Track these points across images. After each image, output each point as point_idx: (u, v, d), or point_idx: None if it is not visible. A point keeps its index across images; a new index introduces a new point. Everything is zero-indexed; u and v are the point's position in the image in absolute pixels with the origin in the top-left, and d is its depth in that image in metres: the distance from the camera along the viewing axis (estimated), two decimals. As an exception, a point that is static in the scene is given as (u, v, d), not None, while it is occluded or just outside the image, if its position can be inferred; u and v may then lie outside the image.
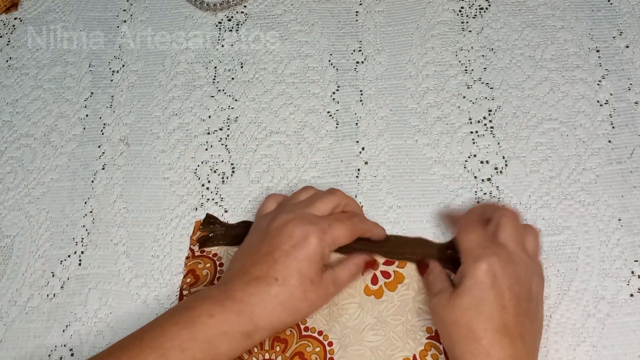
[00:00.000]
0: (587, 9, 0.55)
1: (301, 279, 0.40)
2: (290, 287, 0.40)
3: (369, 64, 0.55)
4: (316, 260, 0.41)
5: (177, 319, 0.39)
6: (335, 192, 0.45)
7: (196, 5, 0.60)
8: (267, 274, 0.40)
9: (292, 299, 0.40)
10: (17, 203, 0.53)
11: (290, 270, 0.40)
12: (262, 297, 0.39)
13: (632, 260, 0.45)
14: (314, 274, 0.41)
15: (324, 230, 0.41)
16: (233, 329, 0.39)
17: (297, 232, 0.41)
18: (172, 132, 0.54)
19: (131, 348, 0.38)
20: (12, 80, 0.59)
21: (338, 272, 0.43)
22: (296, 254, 0.40)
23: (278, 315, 0.40)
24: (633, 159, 0.48)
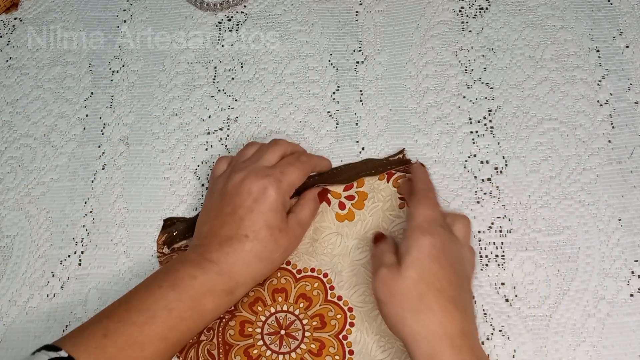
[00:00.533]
0: (587, 9, 0.55)
1: (270, 230, 0.42)
2: (261, 239, 0.42)
3: (369, 64, 0.55)
4: (279, 209, 0.43)
5: (160, 282, 0.41)
6: (278, 141, 0.47)
7: (196, 5, 0.60)
8: (237, 233, 0.42)
9: (267, 250, 0.42)
10: (17, 203, 0.53)
11: (258, 225, 0.42)
12: (238, 255, 0.42)
13: (632, 260, 0.45)
14: (280, 222, 0.43)
15: (279, 179, 0.43)
16: (216, 288, 0.41)
17: (255, 188, 0.42)
18: (172, 132, 0.54)
19: (119, 312, 0.40)
20: (12, 80, 0.59)
21: (299, 213, 0.45)
22: (259, 208, 0.42)
23: (256, 269, 0.43)
24: (633, 159, 0.48)
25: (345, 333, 0.44)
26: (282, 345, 0.44)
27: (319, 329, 0.44)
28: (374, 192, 0.48)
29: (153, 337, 0.39)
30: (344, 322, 0.44)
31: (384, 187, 0.48)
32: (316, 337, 0.44)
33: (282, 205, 0.43)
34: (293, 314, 0.45)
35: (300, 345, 0.44)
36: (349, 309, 0.45)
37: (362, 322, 0.44)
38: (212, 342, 0.44)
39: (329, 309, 0.45)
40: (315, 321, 0.45)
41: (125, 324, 0.39)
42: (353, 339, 0.44)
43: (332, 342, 0.44)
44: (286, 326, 0.44)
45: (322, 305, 0.45)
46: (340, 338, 0.44)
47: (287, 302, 0.45)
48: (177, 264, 0.42)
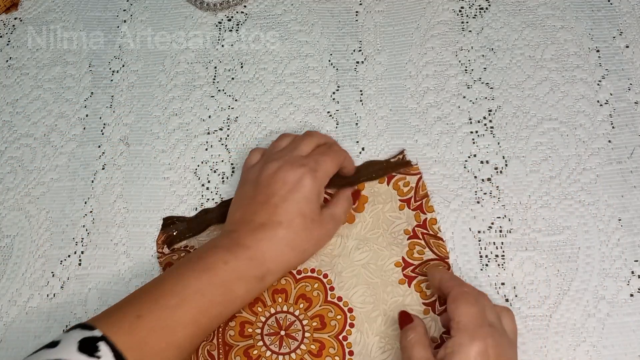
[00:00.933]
0: (587, 9, 0.55)
1: (304, 219, 0.42)
2: (295, 227, 0.42)
3: (369, 64, 0.55)
4: (313, 200, 0.43)
5: (193, 266, 0.41)
6: (312, 133, 0.48)
7: (196, 5, 0.60)
8: (270, 220, 0.42)
9: (299, 239, 0.42)
10: (17, 203, 0.53)
11: (291, 214, 0.42)
12: (270, 242, 0.42)
13: (632, 260, 0.45)
14: (314, 212, 0.43)
15: (314, 168, 0.43)
16: (247, 274, 0.41)
17: (290, 177, 0.43)
18: (172, 132, 0.54)
19: (153, 292, 0.40)
20: (12, 80, 0.59)
21: (333, 208, 0.45)
22: (294, 197, 0.42)
23: (287, 257, 0.43)
24: (633, 159, 0.48)
25: (345, 334, 0.44)
26: (282, 346, 0.44)
27: (319, 329, 0.44)
28: (374, 196, 0.48)
29: (185, 321, 0.39)
30: (344, 322, 0.44)
31: (385, 190, 0.48)
32: (316, 338, 0.44)
33: (317, 195, 0.43)
34: (293, 315, 0.45)
35: (300, 346, 0.44)
36: (349, 310, 0.45)
37: (362, 323, 0.44)
38: (212, 343, 0.44)
39: (329, 310, 0.45)
40: (315, 322, 0.44)
41: (158, 306, 0.39)
42: (353, 339, 0.44)
43: (332, 342, 0.44)
44: (286, 327, 0.44)
45: (322, 305, 0.45)
46: (340, 339, 0.44)
47: (287, 302, 0.45)
48: (210, 249, 0.42)
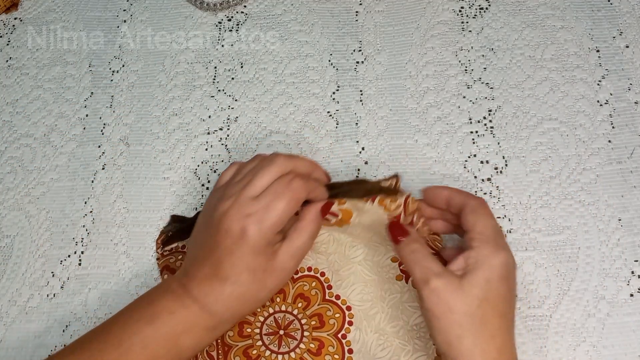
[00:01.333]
0: (587, 9, 0.55)
1: (252, 273, 0.39)
2: (242, 283, 0.39)
3: (369, 64, 0.55)
4: (261, 251, 0.39)
5: (139, 314, 0.39)
6: (275, 159, 0.41)
7: (196, 5, 0.60)
8: (217, 273, 0.39)
9: (249, 292, 0.40)
10: (17, 203, 0.53)
11: (238, 269, 0.39)
12: (217, 296, 0.39)
13: (632, 260, 0.45)
14: (264, 262, 0.39)
15: (261, 218, 0.38)
16: (195, 325, 0.39)
17: (234, 227, 0.39)
18: (172, 132, 0.54)
19: (94, 344, 0.39)
20: (12, 80, 0.59)
21: (295, 240, 0.41)
22: (239, 251, 0.38)
23: (239, 310, 0.40)
24: (633, 159, 0.48)
25: (344, 332, 0.44)
26: (282, 345, 0.44)
27: (317, 328, 0.44)
28: (359, 211, 0.43)
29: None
30: (342, 321, 0.44)
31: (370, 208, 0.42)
32: (315, 337, 0.44)
33: (265, 245, 0.39)
34: (291, 314, 0.45)
35: (299, 345, 0.44)
36: (347, 308, 0.45)
37: (360, 321, 0.44)
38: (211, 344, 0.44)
39: (327, 308, 0.45)
40: (314, 320, 0.45)
41: (98, 358, 0.37)
42: (352, 337, 0.44)
43: (331, 341, 0.44)
44: (285, 326, 0.44)
45: (320, 304, 0.45)
46: (339, 337, 0.44)
47: (285, 302, 0.45)
48: (158, 293, 0.40)
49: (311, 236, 0.42)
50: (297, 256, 0.41)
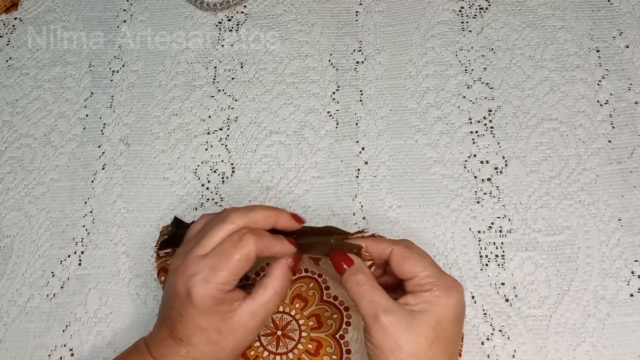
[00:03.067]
0: (587, 9, 0.55)
1: (205, 335, 0.37)
2: (195, 345, 0.37)
3: (369, 64, 0.55)
4: (211, 311, 0.37)
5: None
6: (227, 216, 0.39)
7: (196, 5, 0.60)
8: (172, 334, 0.38)
9: (206, 355, 0.37)
10: (17, 203, 0.53)
11: (189, 330, 0.37)
12: (174, 358, 0.38)
13: (632, 260, 0.45)
14: (217, 323, 0.37)
15: (205, 278, 0.36)
16: None
17: (180, 288, 0.37)
18: (172, 132, 0.54)
19: None
20: (12, 80, 0.59)
21: (256, 298, 0.38)
22: (188, 312, 0.37)
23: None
24: (633, 159, 0.48)
25: (342, 332, 0.44)
26: (279, 346, 0.44)
27: (315, 329, 0.44)
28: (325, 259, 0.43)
29: None
30: (340, 321, 0.44)
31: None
32: (313, 337, 0.44)
33: (214, 305, 0.37)
34: (289, 315, 0.45)
35: (297, 346, 0.44)
36: (345, 309, 0.45)
37: (359, 321, 0.44)
38: None
39: (325, 309, 0.45)
40: (312, 321, 0.44)
41: None
42: (350, 338, 0.44)
43: (329, 341, 0.44)
44: (282, 327, 0.44)
45: (318, 305, 0.45)
46: (337, 337, 0.44)
47: (283, 303, 0.45)
48: (128, 351, 0.40)
49: (277, 293, 0.39)
50: (260, 315, 0.38)
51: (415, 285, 0.36)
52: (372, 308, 0.35)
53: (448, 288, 0.36)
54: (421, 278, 0.36)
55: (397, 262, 0.37)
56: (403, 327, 0.34)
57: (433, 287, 0.36)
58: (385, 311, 0.35)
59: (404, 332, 0.34)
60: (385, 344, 0.34)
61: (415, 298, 0.36)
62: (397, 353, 0.34)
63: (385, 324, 0.34)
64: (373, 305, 0.35)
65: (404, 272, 0.37)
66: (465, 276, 0.46)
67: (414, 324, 0.34)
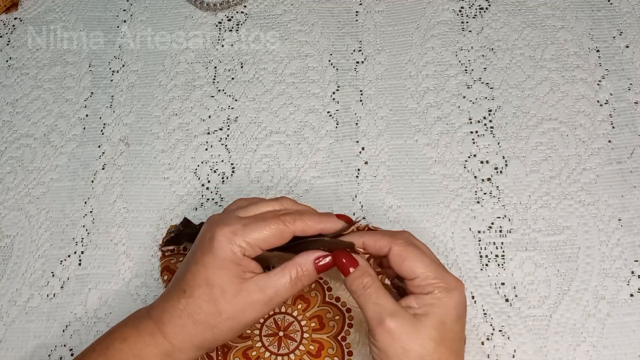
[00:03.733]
0: (587, 9, 0.55)
1: (209, 289, 0.36)
2: (196, 298, 0.36)
3: (369, 64, 0.55)
4: (225, 266, 0.36)
5: (95, 345, 0.38)
6: (279, 198, 0.40)
7: (196, 5, 0.60)
8: (179, 286, 0.37)
9: (202, 312, 0.36)
10: (17, 203, 0.53)
11: (197, 280, 0.36)
12: (171, 313, 0.37)
13: (632, 260, 0.45)
14: (226, 282, 0.36)
15: (234, 231, 0.36)
16: (147, 351, 0.36)
17: (207, 234, 0.37)
18: (172, 132, 0.54)
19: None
20: (12, 80, 0.59)
21: (271, 277, 0.37)
22: (203, 261, 0.36)
23: (192, 332, 0.36)
24: (633, 159, 0.48)
25: (344, 334, 0.44)
26: (281, 347, 0.44)
27: (317, 330, 0.44)
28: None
29: None
30: (342, 323, 0.44)
31: None
32: (315, 339, 0.44)
33: (231, 262, 0.36)
34: (291, 316, 0.45)
35: (299, 347, 0.44)
36: (347, 310, 0.45)
37: (360, 323, 0.44)
38: None
39: (327, 311, 0.45)
40: (314, 322, 0.44)
41: None
42: (352, 339, 0.44)
43: (331, 343, 0.44)
44: (284, 327, 0.44)
45: (320, 306, 0.45)
46: (339, 339, 0.44)
47: (286, 303, 0.45)
48: (122, 323, 0.39)
49: (292, 281, 0.37)
50: (267, 293, 0.37)
51: (416, 287, 0.36)
52: (378, 311, 0.35)
53: (449, 288, 0.35)
54: (421, 280, 0.36)
55: (397, 263, 0.37)
56: (408, 331, 0.34)
57: (434, 289, 0.35)
58: (391, 315, 0.34)
59: (409, 335, 0.34)
60: (391, 347, 0.34)
61: (417, 301, 0.35)
62: (403, 357, 0.34)
63: (391, 328, 0.34)
64: (378, 309, 0.35)
65: (403, 272, 0.37)
66: (465, 276, 0.46)
67: (419, 327, 0.34)
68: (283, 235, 0.37)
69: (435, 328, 0.34)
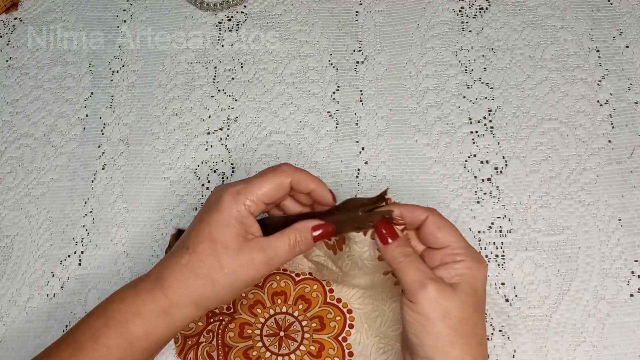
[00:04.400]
0: (587, 9, 0.55)
1: (212, 244, 0.37)
2: (199, 253, 0.37)
3: (369, 64, 0.55)
4: (229, 223, 0.37)
5: (94, 309, 0.38)
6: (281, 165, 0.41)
7: (196, 5, 0.60)
8: (182, 245, 0.38)
9: (204, 266, 0.37)
10: (17, 203, 0.53)
11: (201, 237, 0.38)
12: (172, 269, 0.37)
13: (632, 260, 0.45)
14: (229, 239, 0.37)
15: (238, 190, 0.38)
16: (145, 308, 0.37)
17: (212, 197, 0.39)
18: (172, 132, 0.54)
19: (51, 347, 0.38)
20: (12, 80, 0.59)
21: (271, 239, 0.38)
22: (207, 218, 0.38)
23: (192, 287, 0.37)
24: (633, 159, 0.48)
25: (345, 335, 0.44)
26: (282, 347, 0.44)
27: (318, 330, 0.44)
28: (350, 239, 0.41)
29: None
30: (343, 323, 0.44)
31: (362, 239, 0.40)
32: (316, 339, 0.44)
33: (236, 220, 0.38)
34: (292, 316, 0.45)
35: (299, 347, 0.44)
36: (348, 311, 0.45)
37: (361, 324, 0.44)
38: (212, 344, 0.44)
39: (328, 311, 0.45)
40: (315, 323, 0.44)
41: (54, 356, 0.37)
42: (352, 340, 0.44)
43: (332, 343, 0.44)
44: (285, 328, 0.44)
45: (321, 307, 0.45)
46: (339, 340, 0.44)
47: (287, 304, 0.45)
48: (125, 285, 0.39)
49: (292, 245, 0.39)
50: (268, 254, 0.38)
51: (448, 255, 0.37)
52: (420, 276, 0.36)
53: (478, 259, 0.37)
54: (453, 249, 0.37)
55: (432, 231, 0.38)
56: (449, 295, 0.35)
57: (465, 258, 0.37)
58: (433, 279, 0.36)
59: (451, 299, 0.35)
60: (433, 310, 0.35)
61: (447, 271, 0.37)
62: (446, 319, 0.35)
63: (434, 291, 0.35)
64: (421, 273, 0.36)
65: (437, 240, 0.38)
66: (465, 276, 0.46)
67: (458, 292, 0.35)
68: (282, 185, 0.39)
69: (471, 295, 0.36)
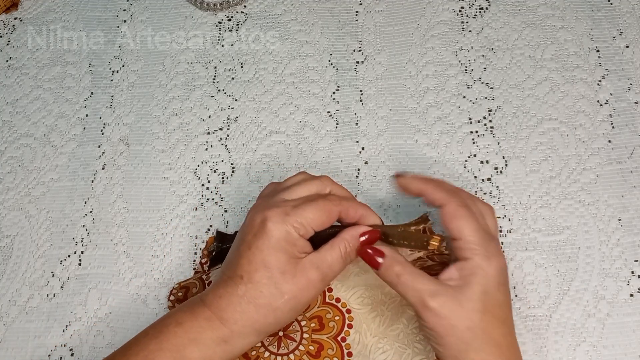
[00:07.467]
0: (587, 9, 0.55)
1: (268, 272, 0.36)
2: (256, 283, 0.36)
3: (369, 64, 0.55)
4: (281, 248, 0.36)
5: (148, 329, 0.38)
6: (322, 177, 0.41)
7: (196, 5, 0.60)
8: (234, 273, 0.37)
9: (263, 296, 0.36)
10: (17, 203, 0.53)
11: (254, 265, 0.36)
12: (229, 299, 0.36)
13: (632, 260, 0.45)
14: (283, 263, 0.36)
15: (286, 212, 0.37)
16: (203, 336, 0.36)
17: (256, 219, 0.37)
18: (172, 132, 0.54)
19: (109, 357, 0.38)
20: (12, 80, 0.59)
21: (322, 254, 0.38)
22: (258, 244, 0.36)
23: (253, 317, 0.37)
24: (633, 159, 0.48)
25: (344, 335, 0.44)
26: (281, 347, 0.44)
27: (317, 330, 0.44)
28: None
29: None
30: (342, 323, 0.44)
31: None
32: (315, 339, 0.44)
33: (287, 242, 0.36)
34: None
35: (298, 347, 0.44)
36: (347, 311, 0.45)
37: (360, 324, 0.44)
38: None
39: (327, 311, 0.45)
40: (314, 323, 0.44)
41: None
42: (351, 340, 0.44)
43: (331, 343, 0.44)
44: (284, 327, 0.44)
45: (320, 307, 0.45)
46: (338, 340, 0.44)
47: None
48: (174, 310, 0.39)
49: (343, 256, 0.38)
50: (323, 270, 0.37)
51: (459, 249, 0.36)
52: (418, 296, 0.35)
53: (489, 256, 0.35)
54: (464, 242, 0.36)
55: (445, 220, 0.37)
56: (452, 306, 0.34)
57: (474, 255, 0.36)
58: (431, 295, 0.35)
59: (454, 311, 0.34)
60: (439, 326, 0.35)
61: (458, 271, 0.36)
62: (452, 332, 0.34)
63: (435, 308, 0.35)
64: (418, 293, 0.35)
65: (452, 230, 0.37)
66: (465, 276, 0.46)
67: (462, 300, 0.35)
68: (331, 214, 0.38)
69: (478, 298, 0.35)
